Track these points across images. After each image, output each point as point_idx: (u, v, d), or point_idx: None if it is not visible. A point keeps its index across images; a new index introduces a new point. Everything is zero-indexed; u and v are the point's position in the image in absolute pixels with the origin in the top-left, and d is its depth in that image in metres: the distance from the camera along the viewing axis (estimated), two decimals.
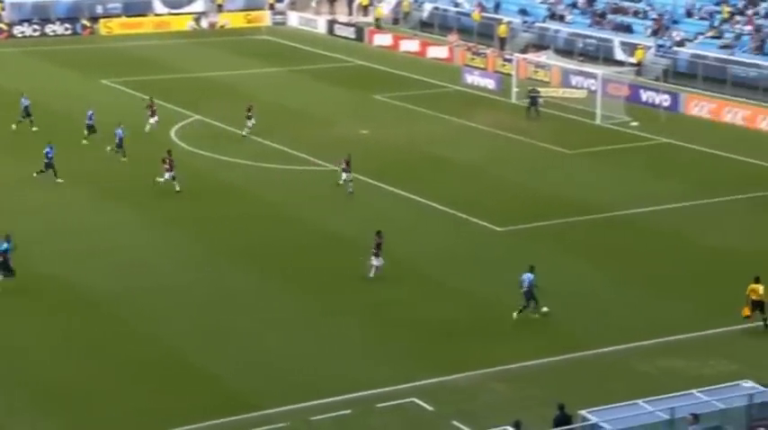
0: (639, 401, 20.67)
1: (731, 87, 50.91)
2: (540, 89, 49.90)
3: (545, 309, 28.00)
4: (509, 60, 55.74)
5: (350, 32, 68.17)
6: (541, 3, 63.24)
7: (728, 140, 44.32)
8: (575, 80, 52.84)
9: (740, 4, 55.50)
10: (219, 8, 73.02)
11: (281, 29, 71.25)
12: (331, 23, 70.14)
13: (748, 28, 53.55)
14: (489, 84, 54.42)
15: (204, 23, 71.77)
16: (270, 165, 41.47)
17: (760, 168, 40.90)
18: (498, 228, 34.59)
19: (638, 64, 54.66)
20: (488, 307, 28.92)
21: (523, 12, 63.12)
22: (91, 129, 43.26)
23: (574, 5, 61.51)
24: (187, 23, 71.42)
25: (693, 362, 25.59)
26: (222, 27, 71.64)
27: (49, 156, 38.36)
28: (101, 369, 25.49)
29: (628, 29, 57.72)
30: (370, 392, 24.16)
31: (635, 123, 47.04)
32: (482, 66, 58.01)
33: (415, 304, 29.15)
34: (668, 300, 29.08)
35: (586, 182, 39.60)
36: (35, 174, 38.65)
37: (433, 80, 55.96)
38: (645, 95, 50.60)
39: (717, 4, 56.16)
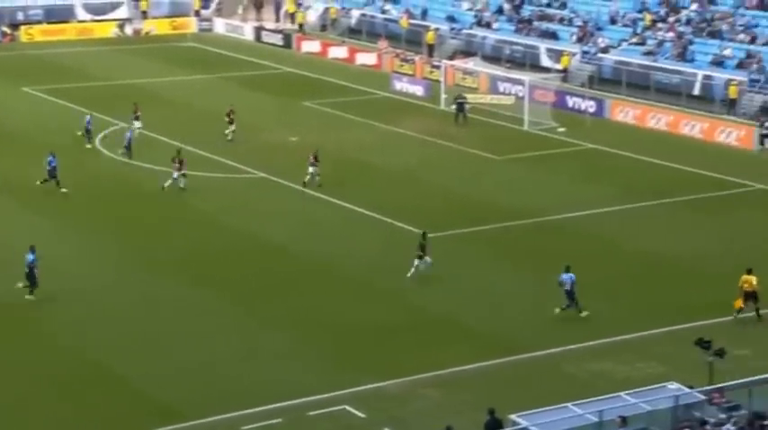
0: (569, 404, 20.80)
1: (655, 93, 51.75)
2: (467, 95, 50.20)
3: (585, 313, 28.28)
4: (437, 67, 56.00)
5: (277, 39, 67.90)
6: (468, 10, 63.67)
7: (653, 146, 45.03)
8: (502, 86, 53.26)
9: (662, 12, 56.46)
10: (144, 15, 72.22)
11: (207, 35, 70.71)
12: (258, 30, 69.79)
13: (670, 35, 54.52)
14: (418, 90, 54.60)
15: (129, 30, 70.91)
16: (197, 172, 41.03)
17: (683, 173, 41.61)
18: (430, 234, 34.57)
19: (564, 70, 55.30)
20: (419, 312, 28.94)
21: (451, 19, 63.49)
22: (89, 133, 43.87)
23: (500, 12, 62.04)
24: (111, 30, 70.50)
25: (621, 364, 25.87)
26: (147, 34, 70.84)
27: (52, 164, 38.01)
28: (22, 384, 24.91)
29: (553, 36, 58.38)
30: (300, 400, 23.99)
31: (562, 129, 47.56)
32: (410, 72, 58.19)
33: (346, 310, 29.06)
34: (597, 304, 29.37)
35: (515, 187, 39.90)
36: (38, 183, 38.28)
37: (362, 87, 55.98)
38: (571, 101, 51.19)
39: (639, 12, 57.08)
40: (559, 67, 55.62)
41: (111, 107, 49.42)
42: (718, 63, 51.63)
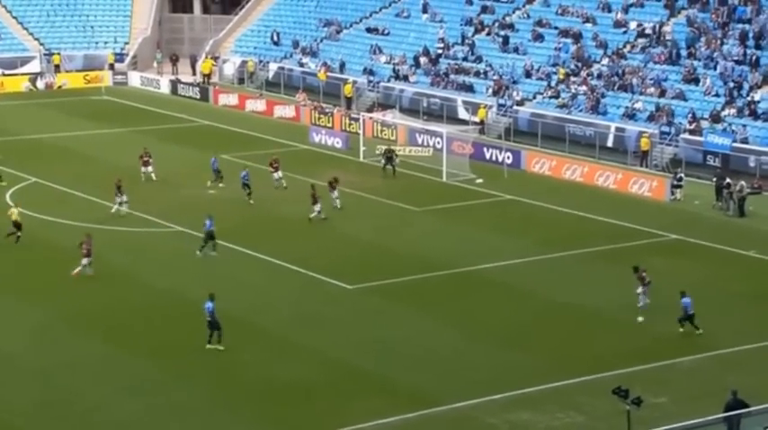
0: None
1: (570, 145, 52.66)
2: (393, 148, 50.40)
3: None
4: (356, 119, 56.28)
5: (194, 92, 67.60)
6: (386, 63, 64.27)
7: (568, 196, 45.69)
8: (420, 138, 53.69)
9: (574, 66, 57.69)
10: (57, 68, 71.33)
11: (122, 89, 70.08)
12: (174, 83, 69.43)
13: (583, 88, 55.68)
14: (337, 142, 54.75)
15: (41, 84, 69.92)
16: (114, 227, 40.42)
17: (598, 223, 42.26)
18: (349, 286, 34.53)
19: (481, 122, 56.02)
20: (339, 365, 28.70)
21: (368, 71, 63.99)
22: (218, 173, 45.57)
23: (417, 66, 62.75)
24: (22, 84, 69.43)
25: (541, 414, 25.94)
26: (60, 88, 69.93)
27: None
28: None
29: (470, 88, 59.19)
30: None
31: (480, 180, 48.02)
32: (329, 125, 58.37)
33: (265, 365, 28.69)
34: (515, 354, 29.50)
35: (435, 238, 40.06)
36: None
37: (281, 139, 55.93)
38: (488, 153, 51.80)
39: (553, 66, 58.25)
40: (476, 119, 56.32)
41: (21, 162, 48.49)
42: (630, 116, 52.85)
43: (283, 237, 39.80)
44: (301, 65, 67.56)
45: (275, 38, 71.38)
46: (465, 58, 61.77)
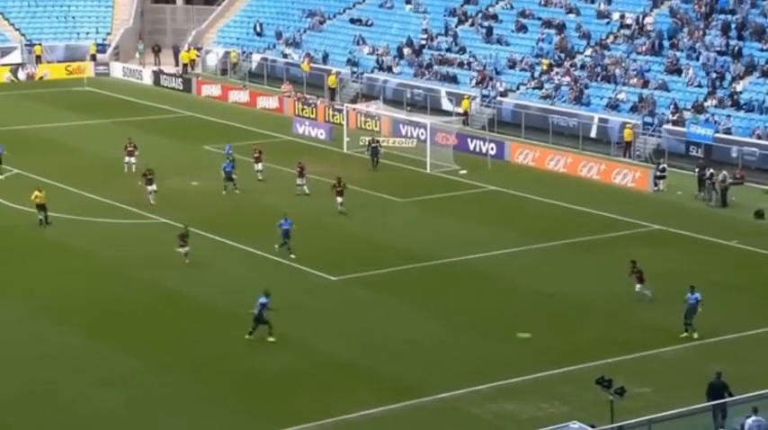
0: None
1: (553, 136, 52.71)
2: (379, 139, 50.28)
3: (694, 335, 29.74)
4: (339, 110, 56.15)
5: (177, 83, 67.31)
6: (369, 54, 64.13)
7: (552, 187, 45.73)
8: (404, 130, 53.62)
9: (557, 56, 57.72)
10: (38, 59, 70.88)
11: (104, 80, 69.69)
12: (157, 74, 69.10)
13: (567, 79, 55.71)
14: (320, 134, 54.63)
15: (22, 75, 69.46)
16: (96, 219, 40.25)
17: (581, 214, 42.32)
18: (332, 277, 34.48)
19: (465, 113, 55.98)
20: (323, 356, 28.67)
21: (352, 63, 63.85)
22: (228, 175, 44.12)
23: (400, 57, 62.64)
24: (3, 75, 68.97)
25: (525, 405, 25.98)
26: (41, 79, 69.50)
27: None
28: None
29: (453, 79, 59.14)
30: None
31: (463, 171, 48.01)
32: (312, 116, 58.22)
33: (249, 357, 28.63)
34: (498, 344, 29.53)
35: (418, 229, 40.03)
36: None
37: (264, 130, 55.77)
38: (472, 144, 51.78)
39: (536, 57, 58.25)
40: (460, 110, 56.30)
41: (4, 153, 48.18)
42: (613, 106, 52.92)
43: (266, 228, 39.68)
44: (284, 56, 67.36)
45: (258, 29, 71.13)
46: (448, 49, 61.72)
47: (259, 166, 45.90)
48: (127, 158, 46.35)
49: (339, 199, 40.76)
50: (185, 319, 31.10)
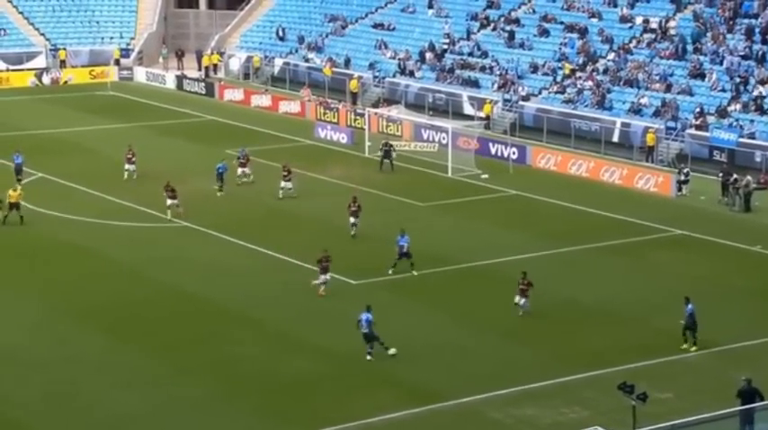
0: None
1: (575, 140, 52.51)
2: (393, 142, 50.33)
3: (690, 347, 29.09)
4: (361, 115, 56.15)
5: (200, 87, 67.54)
6: (391, 58, 64.15)
7: (574, 192, 45.54)
8: (426, 134, 53.57)
9: (580, 61, 57.54)
10: (63, 64, 71.33)
11: (127, 84, 70.04)
12: (180, 79, 69.37)
13: (589, 83, 55.51)
14: (342, 138, 54.65)
15: (47, 80, 69.90)
16: (117, 222, 40.41)
17: (603, 218, 42.12)
18: (353, 282, 34.45)
19: (487, 118, 55.87)
20: (344, 360, 28.63)
21: (374, 67, 63.87)
22: (220, 177, 44.17)
23: (422, 61, 62.62)
24: (28, 80, 69.44)
25: (546, 409, 25.84)
26: (66, 83, 69.92)
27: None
28: None
29: (475, 84, 59.03)
30: None
31: (485, 176, 47.89)
32: (334, 120, 58.26)
33: (269, 360, 28.64)
34: (520, 349, 29.40)
35: (439, 234, 39.93)
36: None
37: (286, 134, 55.85)
38: (494, 148, 51.66)
39: (558, 61, 58.08)
40: (482, 114, 56.18)
41: (28, 157, 48.49)
42: (636, 111, 52.67)
43: (288, 231, 39.72)
44: (307, 60, 67.48)
45: (281, 33, 71.29)
46: (470, 54, 61.62)
47: (246, 170, 45.20)
48: (127, 166, 46.09)
49: (352, 219, 38.64)
50: (205, 322, 31.14)
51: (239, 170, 45.51)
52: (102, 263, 35.98)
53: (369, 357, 28.35)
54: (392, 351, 28.48)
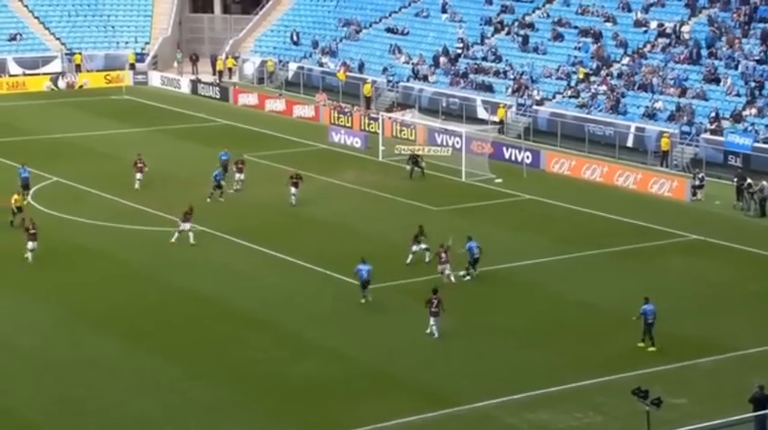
0: None
1: (589, 145, 52.42)
2: (418, 153, 49.40)
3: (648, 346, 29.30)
4: (375, 119, 56.22)
5: (214, 92, 67.73)
6: (405, 63, 64.19)
7: (588, 196, 45.47)
8: (440, 138, 53.57)
9: (594, 65, 57.45)
10: (78, 68, 71.62)
11: (142, 89, 70.26)
12: (194, 83, 69.57)
13: (603, 88, 55.43)
14: (356, 142, 54.71)
15: (62, 84, 70.21)
16: (133, 226, 40.54)
17: (618, 223, 42.03)
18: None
19: (501, 122, 55.84)
20: (357, 364, 28.64)
21: (388, 71, 63.92)
22: (218, 183, 43.94)
23: (436, 65, 62.63)
24: (44, 84, 69.74)
25: (560, 414, 25.79)
26: (81, 87, 70.21)
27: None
28: None
29: (489, 88, 59.01)
30: None
31: (499, 180, 47.86)
32: (348, 124, 58.32)
33: (281, 363, 28.68)
34: (534, 353, 29.35)
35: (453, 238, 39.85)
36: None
37: (300, 139, 55.95)
38: (507, 153, 51.61)
39: (572, 65, 58.01)
40: (496, 118, 56.15)
41: (42, 162, 48.76)
42: (650, 115, 52.56)
43: (300, 235, 39.77)
44: (321, 65, 67.58)
45: (295, 38, 71.44)
46: (484, 58, 61.61)
47: (241, 176, 45.07)
48: (138, 175, 45.31)
49: (293, 189, 42.06)
50: (220, 326, 31.21)
51: (237, 175, 45.13)
52: (117, 266, 36.10)
53: (363, 300, 31.79)
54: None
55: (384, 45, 66.72)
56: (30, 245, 35.83)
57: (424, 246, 36.48)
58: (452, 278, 34.27)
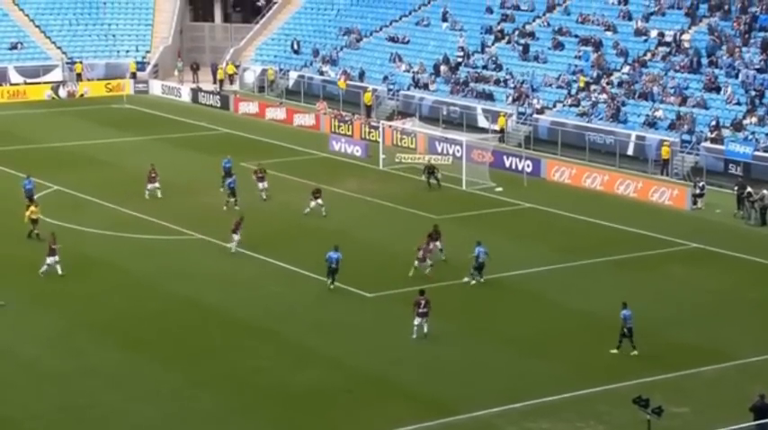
0: None
1: (590, 153, 52.48)
2: (435, 164, 49.18)
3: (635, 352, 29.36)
4: (375, 127, 56.29)
5: (215, 101, 67.82)
6: (406, 71, 64.29)
7: (588, 205, 45.51)
8: (440, 147, 53.62)
9: (594, 74, 57.54)
10: (79, 77, 71.72)
11: (143, 97, 70.35)
12: (195, 92, 69.67)
13: (603, 96, 55.51)
14: (356, 150, 54.77)
15: (63, 93, 70.30)
16: (134, 235, 40.56)
17: (618, 231, 42.06)
18: (368, 294, 34.49)
19: (501, 131, 55.91)
20: (359, 373, 28.64)
21: (388, 80, 64.01)
22: (232, 191, 43.95)
23: (437, 74, 62.73)
24: (45, 93, 69.83)
25: (561, 423, 25.80)
26: (82, 96, 70.31)
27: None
28: None
29: (489, 97, 59.10)
30: None
31: (499, 189, 47.90)
32: (348, 133, 58.39)
33: (283, 372, 28.68)
34: (534, 362, 29.35)
35: (453, 247, 39.86)
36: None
37: (300, 147, 56.01)
38: (508, 161, 51.66)
39: (573, 74, 58.09)
40: (496, 127, 56.22)
41: (44, 170, 48.79)
42: (651, 124, 52.62)
43: (302, 245, 39.79)
44: (321, 73, 67.68)
45: (295, 46, 71.56)
46: (485, 67, 61.71)
47: (264, 185, 45.16)
48: (149, 185, 45.21)
49: (261, 185, 43.18)
50: (220, 334, 31.22)
51: (260, 185, 45.23)
52: (118, 275, 36.12)
53: (332, 286, 33.66)
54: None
55: (385, 54, 66.84)
56: (49, 260, 35.59)
57: (439, 245, 36.76)
58: (428, 271, 35.32)
